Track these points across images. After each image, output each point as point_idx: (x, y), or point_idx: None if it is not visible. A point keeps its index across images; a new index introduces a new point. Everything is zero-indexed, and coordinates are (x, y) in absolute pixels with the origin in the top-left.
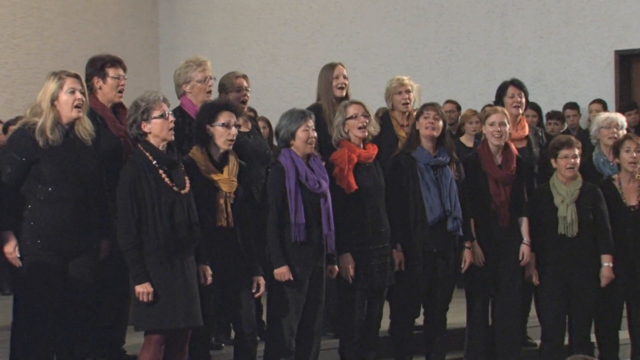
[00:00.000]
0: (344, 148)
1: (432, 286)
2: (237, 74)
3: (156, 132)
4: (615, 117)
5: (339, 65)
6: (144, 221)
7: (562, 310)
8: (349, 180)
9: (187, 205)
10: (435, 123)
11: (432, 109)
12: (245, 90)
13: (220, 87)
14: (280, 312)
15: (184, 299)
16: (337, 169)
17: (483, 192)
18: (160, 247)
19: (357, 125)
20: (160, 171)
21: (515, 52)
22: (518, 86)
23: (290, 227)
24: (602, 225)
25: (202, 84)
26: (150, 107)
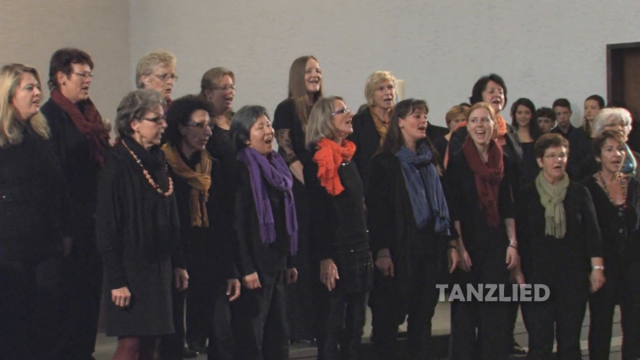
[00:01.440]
0: (327, 147)
1: (418, 291)
2: (224, 70)
3: (144, 134)
4: (619, 113)
5: (310, 59)
6: (125, 223)
7: (550, 315)
8: (335, 182)
9: (169, 208)
10: (426, 122)
11: (422, 106)
12: (230, 87)
13: (205, 83)
14: (245, 319)
15: (157, 305)
16: (323, 170)
17: (470, 191)
18: (140, 250)
19: (345, 120)
20: (144, 171)
21: (503, 46)
22: (497, 81)
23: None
24: (590, 226)
25: (161, 80)
26: (147, 107)
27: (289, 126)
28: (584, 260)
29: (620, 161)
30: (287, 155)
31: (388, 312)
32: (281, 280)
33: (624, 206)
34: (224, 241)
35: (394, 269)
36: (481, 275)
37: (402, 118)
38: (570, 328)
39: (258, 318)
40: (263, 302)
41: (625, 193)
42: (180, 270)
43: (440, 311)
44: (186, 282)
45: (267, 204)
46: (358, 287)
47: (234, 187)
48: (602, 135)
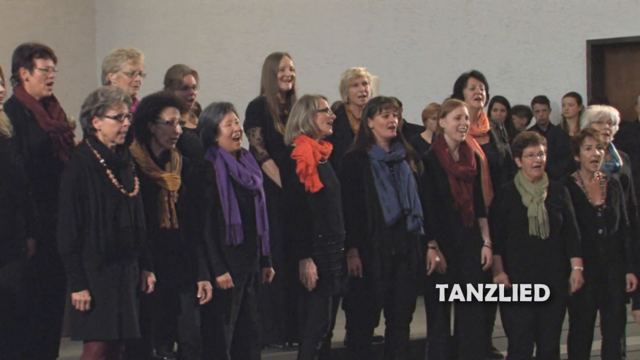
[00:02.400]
0: (306, 143)
1: (392, 292)
2: (186, 70)
3: (106, 132)
4: (608, 111)
5: (284, 56)
6: (86, 224)
7: (530, 318)
8: (314, 178)
9: (134, 209)
10: (395, 121)
11: (390, 105)
12: (192, 88)
13: (167, 81)
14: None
15: (122, 308)
16: (303, 165)
17: (443, 191)
18: (102, 252)
19: (327, 120)
20: (107, 171)
21: (480, 41)
22: (479, 78)
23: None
24: (570, 226)
25: (129, 77)
26: (108, 104)
27: (260, 124)
28: (564, 261)
29: (599, 161)
30: (259, 155)
31: (361, 315)
32: (252, 283)
33: (603, 206)
34: (194, 243)
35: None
36: (458, 276)
37: (370, 118)
38: (551, 331)
39: (227, 323)
40: (233, 305)
41: (605, 193)
42: (147, 274)
43: (416, 314)
44: (152, 285)
45: (234, 204)
46: (337, 289)
47: (202, 186)
48: (581, 134)
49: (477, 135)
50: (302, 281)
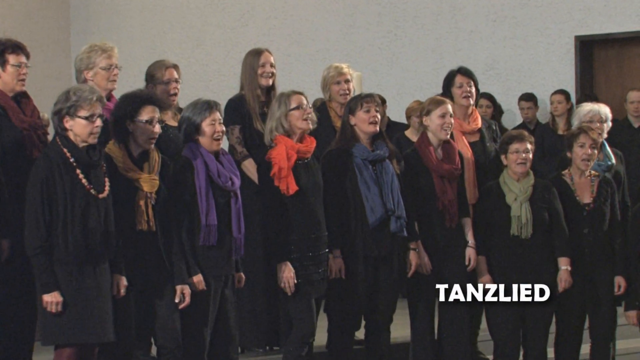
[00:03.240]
0: (281, 144)
1: (373, 295)
2: (167, 64)
3: (77, 132)
4: (599, 109)
5: (265, 52)
6: (54, 224)
7: (516, 321)
8: (289, 181)
9: (104, 211)
10: (377, 116)
11: (371, 100)
12: (175, 82)
13: (148, 77)
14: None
15: (93, 312)
16: (277, 168)
17: (427, 190)
18: (70, 254)
19: (302, 117)
20: (77, 171)
21: (466, 37)
22: (466, 75)
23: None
24: (558, 225)
25: (106, 72)
26: (80, 104)
27: (239, 122)
28: (551, 262)
29: (590, 160)
30: (238, 153)
31: (343, 318)
32: (229, 285)
33: (590, 205)
34: (172, 245)
35: (346, 270)
36: (441, 278)
37: (352, 115)
38: (538, 335)
39: (205, 325)
40: (210, 307)
41: (594, 192)
42: (118, 277)
43: (399, 316)
44: (124, 289)
45: (211, 204)
46: (318, 293)
47: (181, 187)
48: (577, 130)
49: (467, 133)
50: (281, 286)
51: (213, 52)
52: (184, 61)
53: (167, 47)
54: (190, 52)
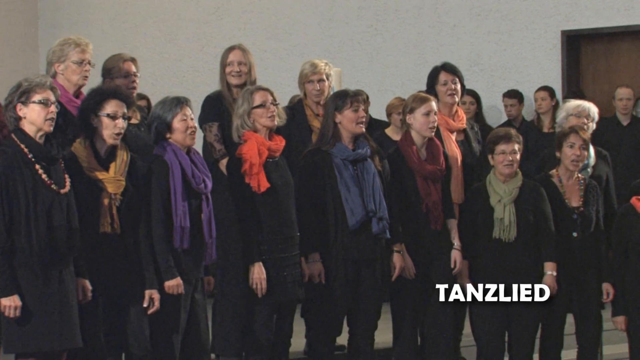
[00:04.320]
0: (252, 140)
1: (356, 300)
2: (124, 56)
3: (32, 119)
4: (588, 106)
5: (235, 49)
6: (15, 224)
7: (500, 326)
8: (260, 178)
9: (66, 207)
10: (364, 116)
11: (361, 99)
12: (133, 75)
13: (105, 71)
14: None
15: (59, 317)
16: (248, 165)
17: (410, 192)
18: (34, 255)
19: (266, 115)
20: (36, 166)
21: (449, 32)
22: (451, 71)
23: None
24: (544, 228)
25: (77, 66)
26: (32, 89)
27: (218, 120)
28: (536, 266)
29: (580, 161)
30: (217, 151)
31: (323, 323)
32: (199, 289)
33: (579, 209)
34: (140, 248)
35: (326, 275)
36: (426, 281)
37: (338, 112)
38: (523, 340)
39: (175, 331)
40: (181, 312)
41: (583, 195)
42: (82, 281)
43: (381, 321)
44: (89, 293)
45: (186, 206)
46: (289, 295)
47: (151, 184)
48: (568, 130)
49: (452, 131)
50: (252, 287)
51: (187, 47)
52: (157, 56)
53: (138, 41)
54: (163, 47)
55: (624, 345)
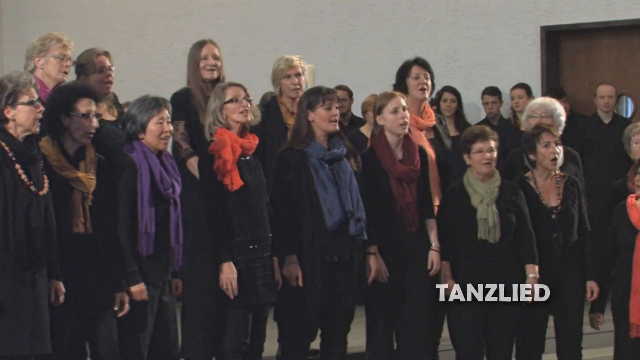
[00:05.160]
0: (224, 137)
1: (331, 303)
2: (98, 51)
3: (21, 121)
4: (553, 107)
5: (208, 43)
6: None
7: (479, 330)
8: (233, 176)
9: (44, 209)
10: (338, 114)
11: (333, 97)
12: (108, 69)
13: (78, 68)
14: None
15: (31, 321)
16: (221, 162)
17: (384, 193)
18: (10, 257)
19: (238, 110)
20: (17, 166)
21: (425, 27)
22: (424, 66)
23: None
24: (524, 230)
25: (58, 62)
26: (19, 90)
27: (185, 118)
28: (518, 268)
29: (558, 158)
30: (184, 150)
31: (297, 328)
32: (167, 292)
33: (558, 208)
34: (110, 250)
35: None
36: (402, 285)
37: (311, 110)
38: (503, 344)
39: (143, 334)
40: (148, 315)
41: (561, 194)
42: (56, 283)
43: (355, 325)
44: (62, 296)
45: (152, 211)
46: (261, 299)
47: (119, 185)
48: (538, 130)
49: (421, 129)
50: (223, 287)
51: (155, 42)
52: (125, 52)
53: (106, 37)
54: (130, 42)
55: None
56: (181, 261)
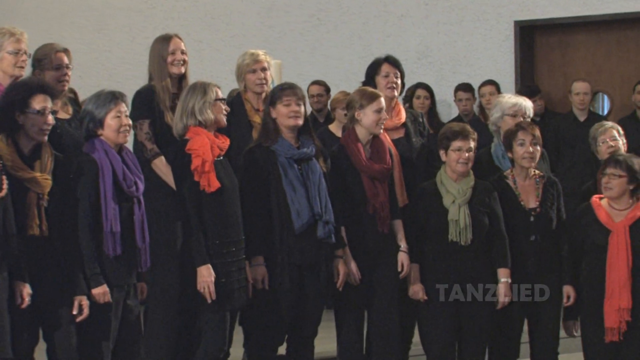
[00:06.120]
0: (202, 136)
1: (299, 306)
2: (57, 47)
3: None
4: (524, 104)
5: (174, 38)
6: None
7: (451, 335)
8: (211, 177)
9: (3, 212)
10: (299, 110)
11: (291, 93)
12: (66, 68)
13: (35, 62)
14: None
15: None
16: (199, 161)
17: (356, 193)
18: None
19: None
20: None
21: (395, 22)
22: (394, 64)
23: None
24: (497, 233)
25: (13, 57)
26: None
27: (148, 116)
28: (490, 271)
29: (534, 157)
30: (148, 151)
31: (264, 332)
32: (132, 295)
33: (536, 210)
34: (69, 252)
35: (269, 280)
36: (372, 287)
37: (272, 107)
38: (475, 349)
39: (106, 340)
40: (111, 320)
41: (540, 195)
42: (22, 285)
43: (324, 329)
44: (28, 298)
45: (116, 209)
46: (237, 303)
47: (79, 185)
48: (515, 128)
49: (390, 129)
50: (201, 291)
51: (116, 37)
52: (85, 47)
53: (65, 31)
54: (91, 37)
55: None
56: (149, 262)
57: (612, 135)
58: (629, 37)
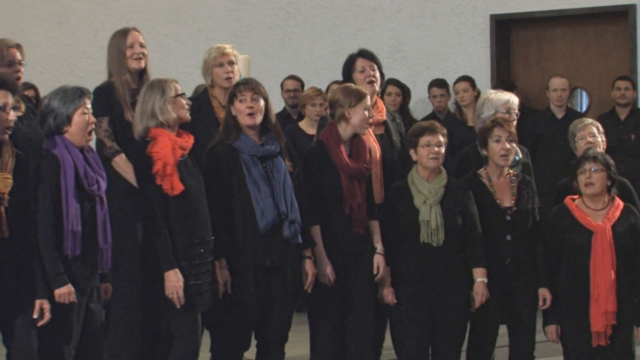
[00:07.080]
0: (163, 137)
1: (265, 310)
2: (9, 42)
3: None
4: (514, 100)
5: (132, 31)
6: None
7: (424, 339)
8: (174, 180)
9: None
10: (255, 106)
11: (246, 88)
12: (18, 64)
13: None
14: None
15: None
16: (160, 165)
17: (332, 192)
18: None
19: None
20: None
21: (367, 15)
22: (368, 57)
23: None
24: (473, 232)
25: None
26: None
27: (108, 114)
28: (465, 272)
29: (509, 155)
30: (108, 149)
31: (230, 336)
32: (95, 298)
33: (512, 208)
34: (30, 253)
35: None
36: (347, 290)
37: (231, 104)
38: (449, 352)
39: (68, 344)
40: (73, 323)
41: (515, 193)
42: None
43: (297, 333)
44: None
45: (78, 208)
46: (207, 305)
47: (39, 183)
48: (491, 124)
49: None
50: (170, 296)
51: (79, 31)
52: (46, 41)
53: (25, 25)
54: (52, 30)
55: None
56: (110, 264)
57: (591, 132)
58: (608, 31)
